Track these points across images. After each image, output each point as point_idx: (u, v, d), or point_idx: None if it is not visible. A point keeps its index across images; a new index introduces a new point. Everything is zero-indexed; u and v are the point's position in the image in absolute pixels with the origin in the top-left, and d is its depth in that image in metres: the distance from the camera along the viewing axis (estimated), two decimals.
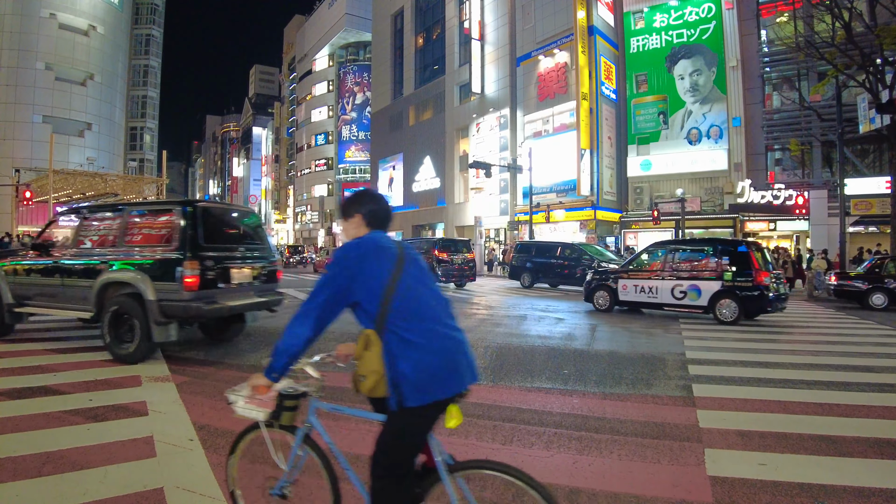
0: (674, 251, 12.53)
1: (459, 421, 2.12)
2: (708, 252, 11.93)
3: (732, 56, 28.42)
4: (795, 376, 6.32)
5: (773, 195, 26.01)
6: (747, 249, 11.35)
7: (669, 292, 11.89)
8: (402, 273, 2.09)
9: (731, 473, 3.54)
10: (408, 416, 2.03)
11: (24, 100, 42.50)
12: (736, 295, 11.05)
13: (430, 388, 1.99)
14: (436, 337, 2.05)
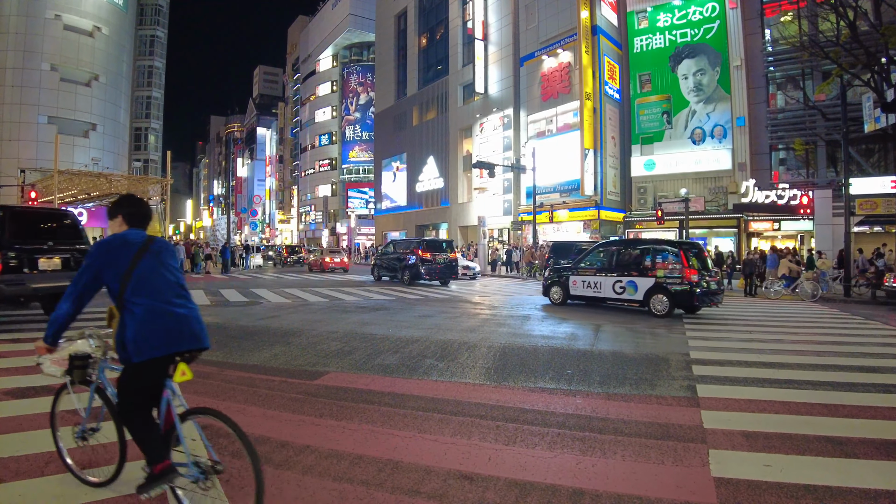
0: (617, 250, 13.86)
1: (188, 377, 2.81)
2: (646, 251, 13.05)
3: (736, 55, 28.32)
4: (800, 377, 6.28)
5: (777, 195, 25.88)
6: (678, 249, 12.50)
7: (611, 287, 13.20)
8: (139, 262, 2.77)
9: (735, 475, 3.51)
10: (134, 369, 2.71)
11: (30, 100, 42.63)
12: (667, 290, 12.15)
13: (146, 350, 2.65)
14: (156, 311, 2.71)
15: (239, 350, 7.60)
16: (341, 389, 5.60)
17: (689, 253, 12.51)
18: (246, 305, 13.29)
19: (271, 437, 4.10)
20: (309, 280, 23.59)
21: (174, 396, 2.92)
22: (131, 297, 2.71)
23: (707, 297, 12.20)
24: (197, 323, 2.90)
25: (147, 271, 2.78)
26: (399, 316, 11.63)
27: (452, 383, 5.92)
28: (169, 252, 3.00)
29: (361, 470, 3.52)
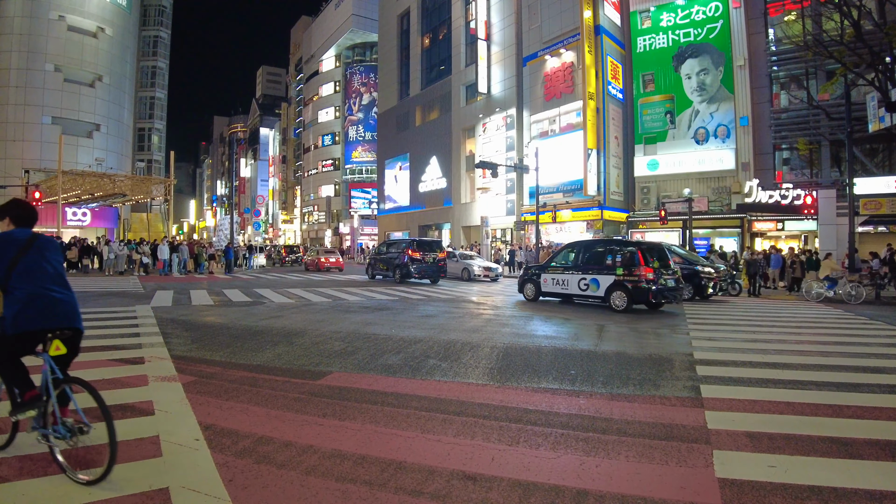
0: (583, 250, 14.82)
1: (61, 352, 3.47)
2: (608, 251, 13.97)
3: (740, 55, 28.25)
4: (805, 377, 6.26)
5: (780, 195, 25.83)
6: (636, 249, 13.37)
7: (577, 284, 14.18)
8: (24, 255, 3.35)
9: (740, 475, 3.49)
10: (8, 340, 3.30)
11: (34, 101, 42.84)
12: (626, 287, 13.01)
13: (21, 324, 3.25)
14: (35, 295, 3.30)
15: (242, 350, 7.61)
16: (344, 389, 5.61)
17: (648, 253, 13.40)
18: (249, 305, 13.31)
19: (274, 438, 4.10)
20: (311, 280, 23.62)
21: (51, 368, 3.44)
22: (16, 284, 3.29)
23: (663, 294, 13.04)
24: (70, 306, 3.49)
25: (30, 263, 3.37)
26: (402, 316, 11.63)
27: (456, 383, 5.92)
28: (51, 248, 3.57)
29: (365, 470, 3.51)
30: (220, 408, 4.87)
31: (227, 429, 4.29)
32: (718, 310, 13.96)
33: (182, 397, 5.14)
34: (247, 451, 3.83)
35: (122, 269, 25.65)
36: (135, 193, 38.56)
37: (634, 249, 13.35)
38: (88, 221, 41.96)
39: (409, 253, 22.15)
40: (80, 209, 41.26)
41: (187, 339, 8.37)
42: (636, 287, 12.83)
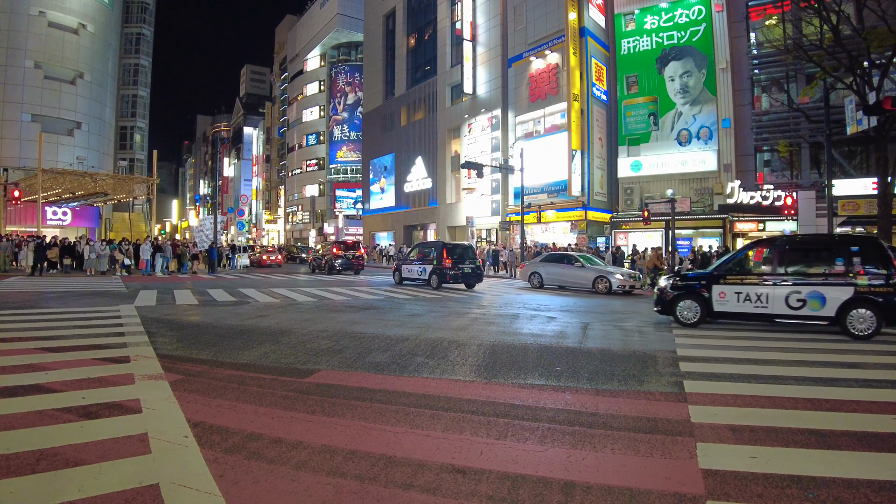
0: (419, 246, 21.47)
1: None
2: (428, 247, 21.30)
3: (722, 58, 28.62)
4: (785, 372, 6.40)
5: (762, 196, 26.23)
6: (443, 247, 19.88)
7: (416, 273, 20.82)
8: None
9: (722, 466, 3.59)
10: None
11: (13, 98, 42.14)
12: (437, 272, 19.34)
13: None
14: None
15: (229, 349, 7.59)
16: (332, 387, 5.63)
17: (452, 249, 19.96)
18: (234, 305, 13.25)
19: (264, 434, 4.12)
20: (296, 280, 23.54)
21: None
22: None
23: (458, 279, 19.40)
24: None
25: None
26: (388, 315, 11.65)
27: (443, 380, 5.97)
28: None
29: (355, 464, 3.55)
30: (208, 405, 4.87)
31: (216, 426, 4.30)
32: None
33: (169, 395, 5.14)
34: (237, 447, 3.84)
35: (105, 269, 25.34)
36: (117, 192, 38.12)
37: (441, 246, 20.10)
38: (69, 221, 41.39)
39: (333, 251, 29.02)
40: (61, 208, 40.70)
41: (172, 339, 8.33)
42: (440, 271, 19.31)
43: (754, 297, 10.07)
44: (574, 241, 30.23)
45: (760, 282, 10.11)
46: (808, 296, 9.61)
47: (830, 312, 9.45)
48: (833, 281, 9.49)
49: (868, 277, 9.28)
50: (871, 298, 9.14)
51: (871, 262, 9.37)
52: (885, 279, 9.14)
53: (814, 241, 11.24)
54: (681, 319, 10.76)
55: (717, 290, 10.42)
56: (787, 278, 9.88)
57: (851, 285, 9.32)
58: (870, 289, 9.19)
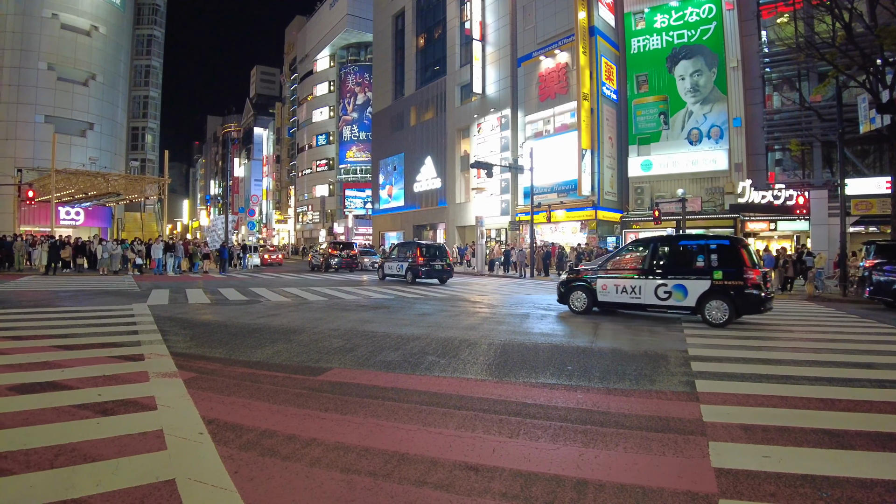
0: (399, 246, 24.69)
1: None
2: (405, 246, 24.11)
3: (733, 56, 28.47)
4: (797, 372, 6.37)
5: (773, 195, 26.06)
6: (416, 246, 23.07)
7: (395, 270, 23.29)
8: None
9: (735, 465, 3.58)
10: None
11: (27, 100, 42.55)
12: (412, 268, 22.24)
13: None
14: None
15: (241, 347, 7.65)
16: (345, 385, 5.66)
17: (425, 249, 22.78)
18: (246, 304, 13.33)
19: (278, 431, 4.16)
20: (307, 279, 23.64)
21: None
22: None
23: (430, 274, 22.54)
24: None
25: None
26: (399, 314, 11.69)
27: (455, 379, 5.99)
28: None
29: (368, 462, 3.58)
30: (222, 403, 4.92)
31: (230, 423, 4.34)
32: None
33: (184, 393, 5.19)
34: (251, 444, 3.88)
35: (117, 269, 25.57)
36: (128, 192, 38.45)
37: (415, 246, 23.19)
38: (82, 221, 41.79)
39: (329, 251, 32.16)
40: (74, 208, 41.10)
41: (186, 337, 8.40)
42: (414, 267, 22.33)
43: (630, 289, 11.61)
44: (584, 240, 30.16)
45: (635, 276, 11.56)
46: (673, 288, 11.02)
47: (691, 303, 10.81)
48: (694, 276, 10.84)
49: (723, 273, 10.57)
50: (725, 291, 10.47)
51: (726, 260, 10.65)
52: (737, 275, 10.42)
53: (680, 240, 12.36)
54: (573, 308, 12.52)
55: (600, 283, 12.06)
56: (657, 273, 11.30)
57: (709, 279, 10.63)
58: (724, 282, 10.50)
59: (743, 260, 10.57)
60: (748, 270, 10.45)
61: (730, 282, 10.47)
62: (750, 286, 10.34)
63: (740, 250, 10.73)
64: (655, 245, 11.83)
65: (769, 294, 10.73)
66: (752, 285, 10.35)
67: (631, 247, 12.56)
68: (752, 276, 10.41)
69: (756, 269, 10.56)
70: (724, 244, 10.98)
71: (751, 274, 10.42)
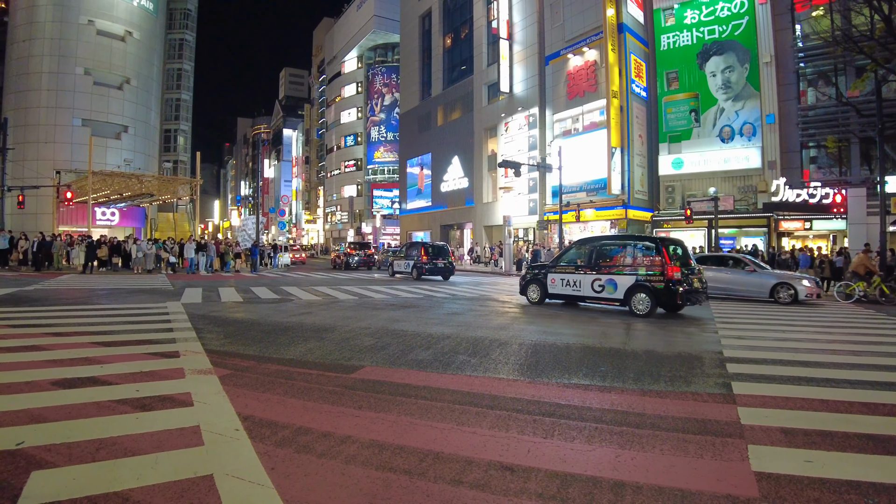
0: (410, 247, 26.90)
1: None
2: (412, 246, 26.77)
3: (766, 52, 27.83)
4: (838, 375, 6.19)
5: (808, 193, 25.37)
6: (421, 246, 25.08)
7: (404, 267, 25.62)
8: None
9: (776, 469, 3.49)
10: None
11: (65, 104, 43.79)
12: (417, 267, 24.44)
13: None
14: None
15: (275, 345, 7.74)
16: (378, 383, 5.69)
17: (428, 249, 24.90)
18: (278, 302, 13.50)
19: (312, 428, 4.19)
20: (337, 278, 23.86)
21: None
22: None
23: (433, 272, 24.52)
24: None
25: None
26: (428, 313, 11.71)
27: (487, 378, 5.97)
28: None
29: (403, 460, 3.58)
30: (257, 399, 4.98)
31: (266, 419, 4.39)
32: (747, 310, 13.79)
33: (219, 389, 5.26)
34: (286, 440, 3.92)
35: (151, 268, 26.13)
36: (161, 193, 39.27)
37: (420, 246, 25.35)
38: (117, 221, 42.80)
39: (349, 251, 34.61)
40: (109, 209, 42.12)
41: (220, 335, 8.54)
42: (419, 266, 24.52)
43: (572, 283, 13.39)
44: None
45: (576, 271, 13.34)
46: (605, 282, 12.64)
47: (620, 296, 12.32)
48: (623, 272, 12.39)
49: (646, 269, 12.04)
50: (647, 285, 11.90)
51: (650, 258, 12.08)
52: (660, 272, 11.79)
53: (615, 239, 14.25)
54: (529, 299, 14.56)
55: (550, 278, 13.95)
56: (594, 269, 12.99)
57: (635, 275, 12.14)
58: (647, 278, 11.95)
59: (665, 259, 11.83)
60: (668, 268, 11.75)
61: (652, 278, 11.88)
62: (669, 282, 11.68)
63: (663, 249, 12.00)
64: (593, 245, 13.58)
65: (693, 289, 12.02)
66: (671, 281, 11.68)
67: (575, 246, 14.31)
68: (670, 273, 11.72)
69: (675, 267, 11.82)
70: (649, 244, 12.50)
71: (669, 271, 11.73)
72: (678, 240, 13.75)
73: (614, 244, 13.37)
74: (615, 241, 13.65)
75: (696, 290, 12.05)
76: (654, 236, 15.97)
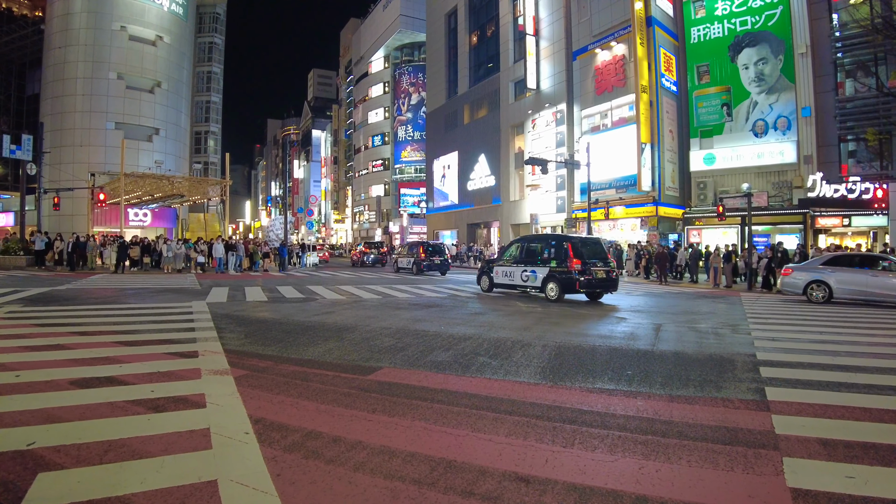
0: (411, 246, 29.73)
1: None
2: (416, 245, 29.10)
3: (801, 42, 26.91)
4: (881, 381, 5.83)
5: (847, 189, 24.42)
6: (420, 245, 27.61)
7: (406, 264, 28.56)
8: None
9: (814, 486, 3.22)
10: None
11: (99, 108, 44.82)
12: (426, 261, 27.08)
13: None
14: None
15: (294, 345, 7.68)
16: (394, 385, 5.56)
17: (426, 247, 28.07)
18: (302, 302, 13.50)
19: (323, 432, 4.07)
20: (362, 278, 23.87)
21: None
22: None
23: (431, 268, 27.13)
24: None
25: None
26: (451, 313, 11.56)
27: (507, 382, 5.78)
28: None
29: (414, 468, 3.43)
30: (271, 402, 4.89)
31: (277, 423, 4.29)
32: (781, 310, 13.33)
33: (233, 391, 5.19)
34: (296, 445, 3.81)
35: (181, 267, 26.51)
36: (192, 194, 39.86)
37: (418, 244, 28.67)
38: (149, 222, 43.62)
39: (363, 249, 38.33)
40: (142, 210, 42.93)
41: (240, 334, 8.51)
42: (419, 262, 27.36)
43: (509, 274, 16.43)
44: (644, 238, 29.29)
45: (511, 265, 16.40)
46: (530, 273, 15.62)
47: (538, 284, 15.28)
48: (541, 264, 15.37)
49: (556, 262, 14.98)
50: (556, 276, 14.80)
51: (558, 253, 15.03)
52: (565, 264, 14.62)
53: (538, 238, 17.74)
54: (481, 288, 17.71)
55: (495, 270, 17.06)
56: (522, 262, 16.09)
57: (548, 267, 15.09)
58: (556, 269, 14.87)
59: (569, 253, 14.65)
60: (570, 262, 14.54)
61: (559, 269, 14.80)
62: (571, 272, 14.45)
63: (568, 246, 14.86)
64: (523, 243, 16.99)
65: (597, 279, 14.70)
66: (572, 271, 14.44)
67: (513, 244, 17.56)
68: (571, 266, 14.49)
69: (577, 261, 14.52)
70: (560, 242, 15.42)
71: (571, 265, 14.50)
72: (593, 238, 17.41)
73: (538, 242, 16.54)
74: (538, 240, 17.01)
75: (600, 279, 14.78)
76: (564, 235, 18.78)
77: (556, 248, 15.15)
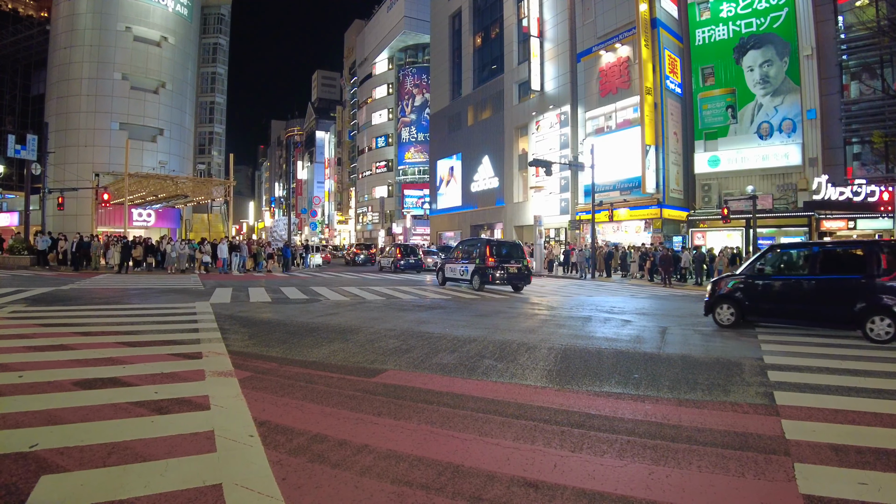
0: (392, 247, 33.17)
1: None
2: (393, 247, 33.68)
3: (807, 44, 26.82)
4: (892, 386, 5.78)
5: (852, 191, 24.31)
6: (397, 245, 32.66)
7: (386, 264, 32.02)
8: None
9: (827, 493, 3.18)
10: None
11: (103, 108, 44.96)
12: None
13: None
14: None
15: (298, 346, 7.64)
16: (399, 388, 5.51)
17: (403, 248, 31.61)
18: (305, 303, 13.47)
19: (329, 436, 4.03)
20: (366, 279, 23.83)
21: None
22: None
23: (406, 267, 30.01)
24: None
25: None
26: (455, 315, 11.51)
27: (513, 385, 5.74)
28: None
29: (421, 473, 3.39)
30: (275, 404, 4.85)
31: (282, 425, 4.25)
32: None
33: (238, 393, 5.16)
34: (301, 448, 3.77)
35: (184, 268, 26.51)
36: (196, 195, 39.89)
37: (396, 245, 32.95)
38: (153, 222, 43.66)
39: (354, 251, 44.93)
40: (146, 210, 42.97)
41: (244, 336, 8.48)
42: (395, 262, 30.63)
43: (454, 270, 19.81)
44: (648, 240, 29.22)
45: (455, 262, 19.96)
46: (464, 269, 19.10)
47: (468, 277, 18.69)
48: (470, 262, 18.88)
49: (479, 260, 18.34)
50: (478, 270, 18.19)
51: (481, 252, 18.40)
52: (482, 261, 18.10)
53: (471, 241, 21.14)
54: (438, 282, 20.98)
55: (447, 267, 20.41)
56: (462, 260, 19.58)
57: (474, 264, 18.50)
58: (479, 266, 18.22)
59: (486, 253, 18.02)
60: (487, 259, 17.89)
61: (481, 265, 18.13)
62: (488, 267, 17.82)
63: (487, 247, 18.31)
64: (462, 245, 20.68)
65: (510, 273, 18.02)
66: (488, 267, 17.81)
67: (458, 246, 21.36)
68: (487, 263, 17.87)
69: (491, 258, 17.88)
70: (482, 244, 18.85)
71: (486, 262, 17.87)
72: (511, 242, 20.71)
73: (470, 244, 20.15)
74: (471, 242, 20.57)
75: (512, 274, 17.99)
76: (485, 238, 23.91)
77: (480, 248, 18.73)
